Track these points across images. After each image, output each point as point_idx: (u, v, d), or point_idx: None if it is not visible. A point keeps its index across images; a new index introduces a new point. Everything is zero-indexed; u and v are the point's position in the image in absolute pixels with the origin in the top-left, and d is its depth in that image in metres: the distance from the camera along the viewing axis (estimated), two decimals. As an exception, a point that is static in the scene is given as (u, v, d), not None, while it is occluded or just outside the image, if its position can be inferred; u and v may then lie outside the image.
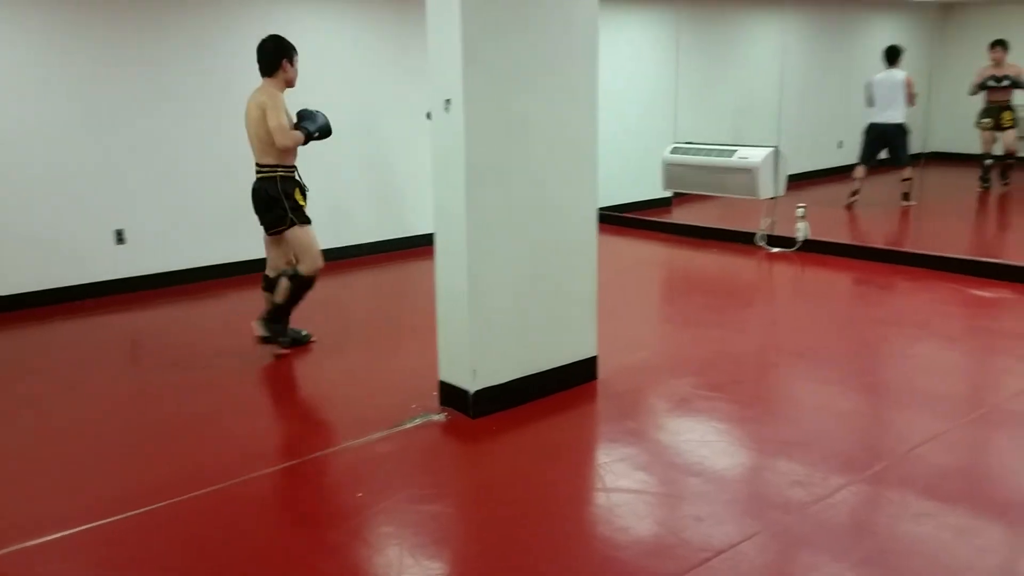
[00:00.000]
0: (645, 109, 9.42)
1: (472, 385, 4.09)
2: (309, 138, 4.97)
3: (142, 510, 3.33)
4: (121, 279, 6.60)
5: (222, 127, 6.78)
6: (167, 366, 5.04)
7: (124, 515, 3.29)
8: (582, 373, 4.53)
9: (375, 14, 7.54)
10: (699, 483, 3.55)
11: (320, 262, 5.04)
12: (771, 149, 7.62)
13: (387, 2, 7.56)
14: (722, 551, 2.98)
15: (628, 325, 5.65)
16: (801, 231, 7.47)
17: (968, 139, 12.74)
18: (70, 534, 3.18)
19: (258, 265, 7.08)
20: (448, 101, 3.86)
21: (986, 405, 4.25)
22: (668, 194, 9.37)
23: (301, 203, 5.00)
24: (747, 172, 7.59)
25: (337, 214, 7.54)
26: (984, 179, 10.20)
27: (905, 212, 9.19)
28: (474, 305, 4.03)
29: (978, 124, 10.03)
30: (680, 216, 9.18)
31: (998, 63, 9.61)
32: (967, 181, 10.62)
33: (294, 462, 3.72)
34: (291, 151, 4.93)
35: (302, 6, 7.14)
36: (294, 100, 5.10)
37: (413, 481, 3.57)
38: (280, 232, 5.04)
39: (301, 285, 5.05)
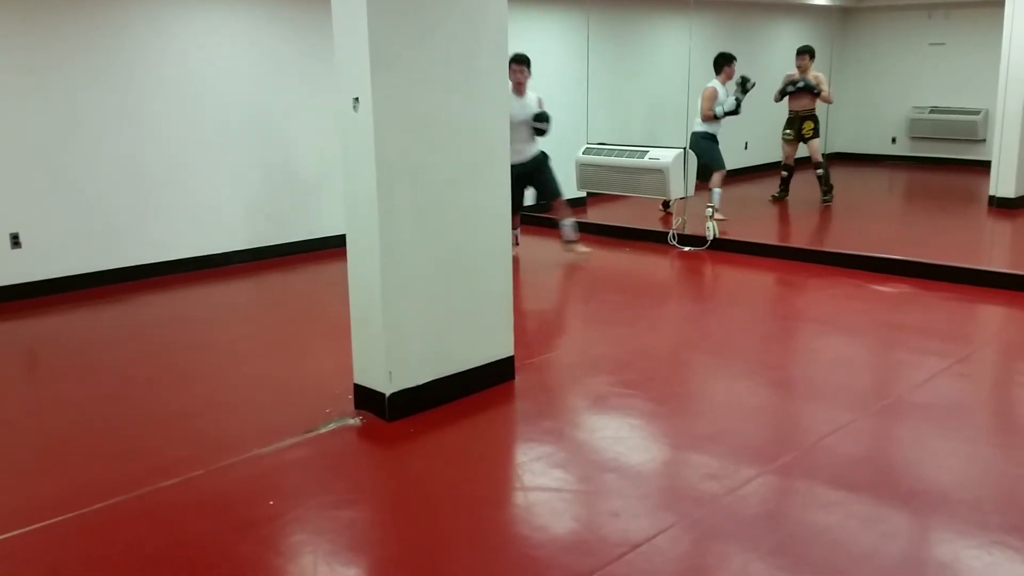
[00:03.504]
0: (558, 110, 9.44)
1: (388, 387, 4.03)
2: None
3: (36, 525, 3.17)
4: (16, 284, 6.29)
5: (118, 129, 6.56)
6: (66, 375, 4.83)
7: (15, 532, 3.13)
8: (499, 373, 4.52)
9: (277, 14, 7.38)
10: (615, 479, 3.57)
11: None
12: (680, 150, 7.77)
13: (290, 3, 7.41)
14: (638, 545, 3.00)
15: (544, 324, 5.67)
16: (711, 230, 7.63)
17: (867, 139, 13.33)
18: (-41, 555, 3.01)
19: (157, 268, 6.92)
20: (356, 100, 3.80)
21: (889, 396, 4.40)
22: (582, 194, 9.45)
23: None
24: (658, 172, 7.71)
25: (245, 217, 7.36)
26: (782, 191, 9.79)
27: (819, 210, 9.38)
28: (388, 306, 3.97)
29: (781, 135, 9.75)
30: (595, 216, 9.26)
31: (803, 71, 9.33)
32: (868, 180, 11.04)
33: (199, 472, 3.59)
34: None
35: (197, 8, 6.93)
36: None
37: (327, 487, 3.50)
38: None
39: None
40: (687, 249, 7.74)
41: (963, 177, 11.71)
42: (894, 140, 13.15)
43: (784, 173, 9.75)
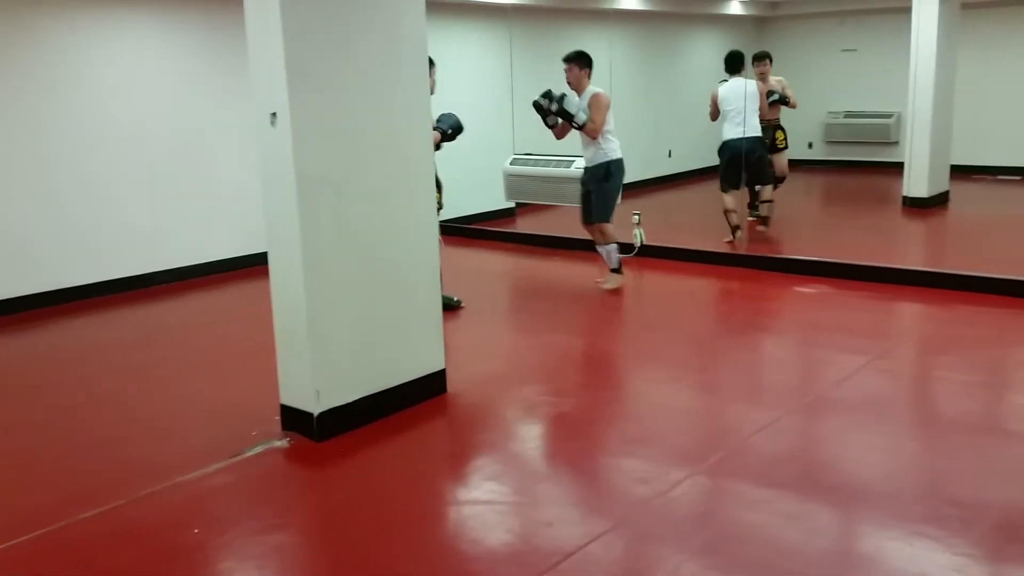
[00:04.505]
0: (484, 121, 9.50)
1: (316, 407, 3.97)
2: (445, 137, 5.64)
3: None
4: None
5: (29, 148, 6.35)
6: (-23, 408, 4.63)
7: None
8: (431, 387, 4.49)
9: (195, 30, 7.25)
10: (548, 488, 3.58)
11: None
12: (606, 159, 7.83)
13: (209, 19, 7.28)
14: (571, 553, 3.00)
15: (476, 336, 5.66)
16: (637, 237, 7.72)
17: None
18: None
19: (75, 292, 6.70)
20: (274, 115, 3.75)
21: (811, 394, 4.51)
22: (511, 204, 9.48)
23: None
24: (584, 181, 7.76)
25: (166, 236, 7.18)
26: (754, 206, 8.94)
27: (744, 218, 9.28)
28: (313, 323, 3.92)
29: None
30: (524, 226, 9.31)
31: (763, 77, 8.51)
32: (787, 185, 11.29)
33: (121, 502, 3.47)
34: None
35: (111, 25, 6.76)
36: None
37: (254, 512, 3.42)
38: None
39: None
40: (615, 256, 7.81)
41: (878, 179, 12.11)
42: (811, 145, 13.51)
43: (757, 187, 8.76)
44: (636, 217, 7.80)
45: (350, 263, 4.04)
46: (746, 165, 7.99)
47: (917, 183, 9.56)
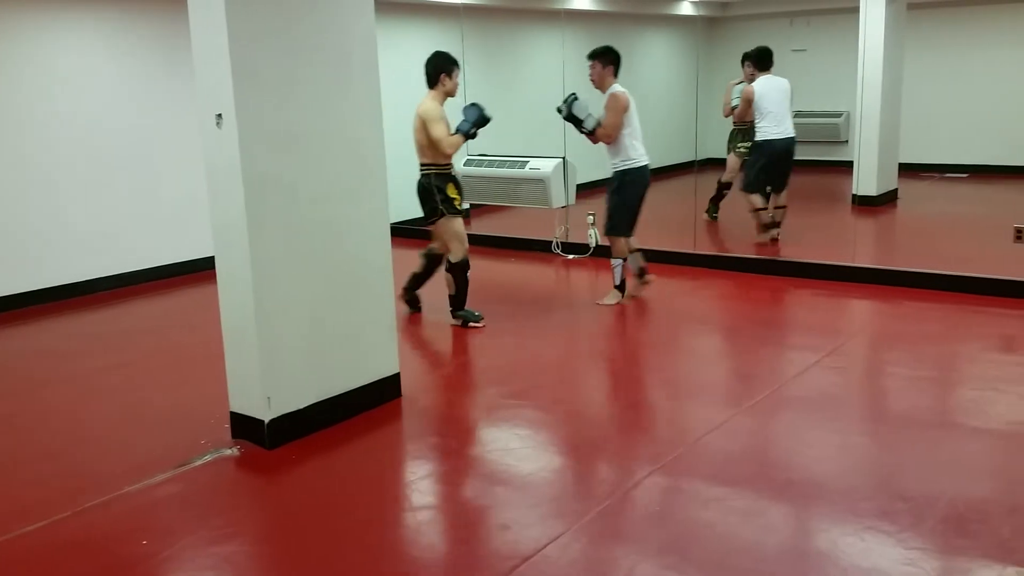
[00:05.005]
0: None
1: (267, 414, 3.89)
2: (468, 136, 5.63)
3: None
4: None
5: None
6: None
7: None
8: (385, 391, 4.43)
9: (134, 29, 7.09)
10: (505, 491, 3.55)
11: (466, 244, 5.70)
12: (559, 160, 7.85)
13: (146, 19, 7.12)
14: (528, 557, 2.98)
15: (431, 338, 5.62)
16: (593, 237, 7.74)
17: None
18: None
19: (14, 300, 6.50)
20: (219, 116, 3.67)
21: (765, 391, 4.53)
22: (466, 205, 9.43)
23: (453, 196, 5.63)
24: (539, 182, 7.76)
25: (108, 240, 7.02)
26: (715, 207, 9.12)
27: (696, 216, 9.10)
28: (263, 329, 3.84)
29: (735, 149, 8.98)
30: (479, 227, 9.26)
31: (752, 78, 8.30)
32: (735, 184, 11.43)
33: (66, 514, 3.37)
34: (446, 152, 5.54)
35: (54, 26, 6.59)
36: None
37: (204, 523, 3.34)
38: (434, 222, 5.69)
39: (458, 270, 5.69)
40: (571, 257, 7.82)
41: (828, 177, 12.28)
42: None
43: (726, 191, 8.99)
44: (591, 217, 7.82)
45: (301, 266, 3.98)
46: (783, 166, 7.82)
47: (866, 182, 9.71)
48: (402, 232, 8.57)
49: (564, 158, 7.92)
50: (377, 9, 4.26)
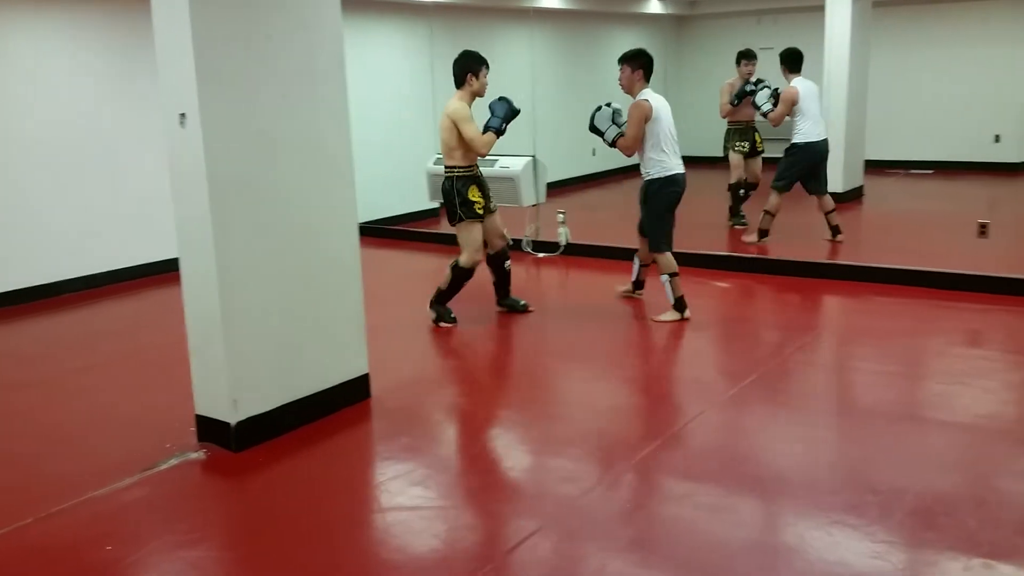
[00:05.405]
0: (406, 121, 9.42)
1: (233, 416, 3.84)
2: (500, 132, 5.58)
3: None
4: None
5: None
6: None
7: None
8: (354, 392, 4.40)
9: (98, 28, 6.98)
10: (474, 491, 3.54)
11: (479, 256, 5.65)
12: (529, 158, 7.84)
13: (110, 18, 7.02)
14: (498, 557, 2.97)
15: (400, 339, 5.58)
16: (563, 236, 7.74)
17: (704, 143, 13.89)
18: None
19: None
20: (183, 115, 3.62)
21: (733, 387, 4.55)
22: (435, 205, 9.40)
23: (476, 199, 5.55)
24: (509, 181, 7.75)
25: (75, 242, 6.91)
26: (738, 213, 8.79)
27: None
28: (229, 330, 3.79)
29: (733, 148, 8.64)
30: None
31: (749, 77, 8.54)
32: (707, 183, 11.48)
33: (27, 521, 3.31)
34: (472, 154, 5.55)
35: (9, 21, 6.47)
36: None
37: (170, 527, 3.29)
38: (453, 224, 5.64)
39: (460, 275, 5.65)
40: (541, 255, 7.82)
41: (795, 174, 12.36)
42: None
43: (742, 192, 8.67)
44: (561, 216, 7.82)
45: (267, 267, 3.93)
46: (822, 168, 7.78)
47: (833, 178, 9.77)
48: (372, 232, 8.52)
49: (534, 156, 7.92)
50: (344, 8, 4.23)
